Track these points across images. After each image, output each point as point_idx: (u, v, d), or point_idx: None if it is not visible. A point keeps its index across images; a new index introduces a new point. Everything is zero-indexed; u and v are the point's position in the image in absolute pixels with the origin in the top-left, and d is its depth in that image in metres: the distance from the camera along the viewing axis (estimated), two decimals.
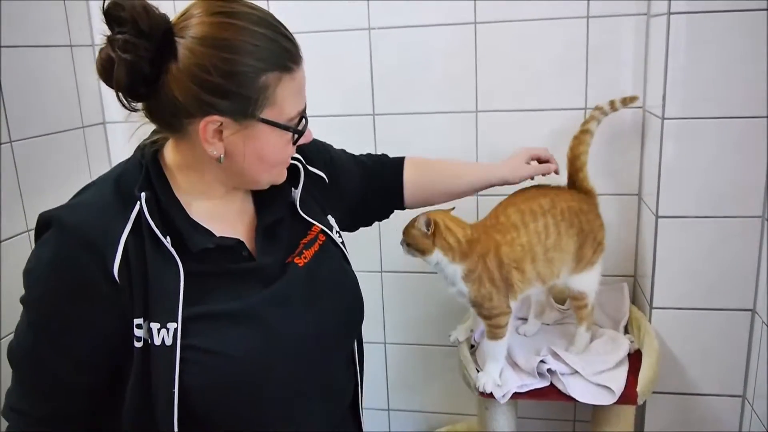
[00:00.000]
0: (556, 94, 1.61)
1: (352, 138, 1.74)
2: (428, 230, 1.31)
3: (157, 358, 0.86)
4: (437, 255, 1.33)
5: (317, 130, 1.74)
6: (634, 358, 1.44)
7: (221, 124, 0.87)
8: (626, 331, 1.56)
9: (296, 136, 0.94)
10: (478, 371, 1.42)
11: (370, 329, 1.89)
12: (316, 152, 1.18)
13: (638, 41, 1.54)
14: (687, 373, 1.53)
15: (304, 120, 0.95)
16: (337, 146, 1.29)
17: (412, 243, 1.35)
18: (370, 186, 1.29)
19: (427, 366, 1.91)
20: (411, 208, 1.36)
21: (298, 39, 1.72)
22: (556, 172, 1.43)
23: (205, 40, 0.84)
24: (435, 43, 1.65)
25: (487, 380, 1.36)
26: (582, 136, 1.45)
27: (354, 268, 1.84)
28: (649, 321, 1.52)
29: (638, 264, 1.65)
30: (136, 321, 0.86)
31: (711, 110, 1.37)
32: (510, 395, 1.36)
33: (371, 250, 1.84)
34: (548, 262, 1.36)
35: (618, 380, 1.35)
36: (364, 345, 1.21)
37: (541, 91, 1.62)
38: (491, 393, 1.35)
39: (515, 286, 1.34)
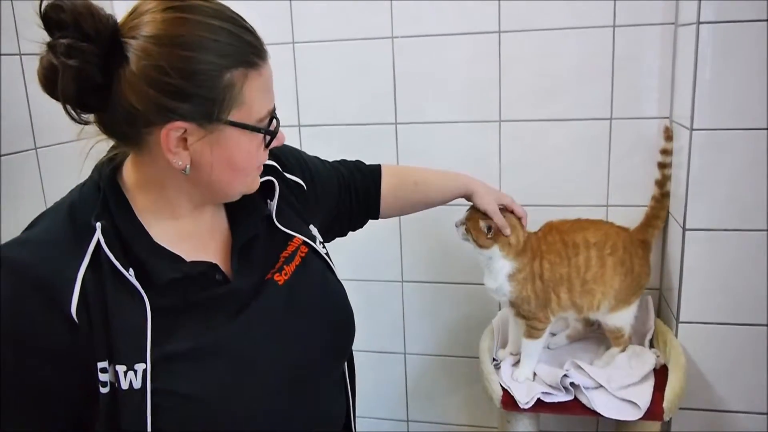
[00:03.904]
0: (580, 103, 1.60)
1: (373, 147, 1.75)
2: (489, 234, 1.35)
3: (126, 404, 0.77)
4: (494, 250, 1.37)
5: (341, 139, 1.76)
6: (660, 373, 1.41)
7: (185, 131, 0.79)
8: (651, 345, 1.53)
9: (268, 138, 0.86)
10: (501, 385, 1.41)
11: (390, 339, 1.88)
12: (293, 158, 1.11)
13: (665, 50, 1.51)
14: (714, 390, 1.50)
15: (275, 120, 0.87)
16: (358, 155, 1.28)
17: (473, 234, 1.37)
18: (346, 196, 1.21)
19: (448, 377, 1.89)
20: (384, 218, 1.30)
21: (322, 47, 1.73)
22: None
23: (159, 39, 0.75)
24: (458, 51, 1.64)
25: (519, 375, 1.42)
26: (656, 222, 1.54)
27: (374, 277, 1.84)
28: (676, 335, 1.49)
29: (664, 277, 1.62)
30: (100, 365, 0.77)
31: (741, 121, 1.35)
32: (534, 401, 1.35)
33: (392, 259, 1.83)
34: (587, 294, 1.40)
35: (644, 395, 1.33)
36: (383, 355, 1.15)
37: (566, 100, 1.61)
38: (514, 403, 1.35)
39: (551, 304, 1.39)
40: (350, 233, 1.28)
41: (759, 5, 1.28)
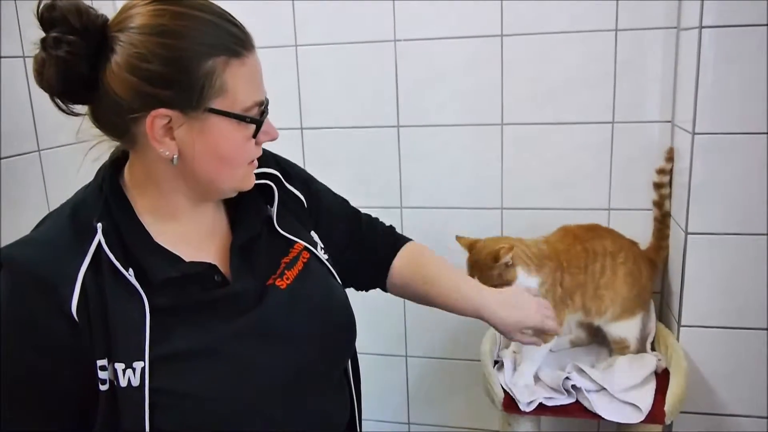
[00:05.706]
0: (582, 107, 1.60)
1: (375, 149, 1.75)
2: (509, 263, 1.33)
3: (125, 401, 0.78)
4: (521, 276, 1.35)
5: (343, 142, 1.76)
6: (662, 377, 1.42)
7: (170, 119, 0.80)
8: (653, 349, 1.53)
9: (255, 128, 0.86)
10: (502, 387, 1.41)
11: (391, 342, 1.88)
12: (299, 176, 1.09)
13: (667, 55, 1.52)
14: (716, 393, 1.50)
15: (264, 113, 0.87)
16: (360, 158, 1.26)
17: (498, 277, 1.33)
18: (354, 250, 1.14)
19: (449, 380, 1.89)
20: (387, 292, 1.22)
21: (325, 50, 1.73)
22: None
23: (142, 28, 0.78)
24: (461, 55, 1.64)
25: (518, 380, 1.40)
26: (662, 243, 1.56)
27: None
28: (677, 339, 1.49)
29: (666, 281, 1.62)
30: (100, 362, 0.79)
31: (743, 125, 1.35)
32: (536, 405, 1.35)
33: None
34: (597, 298, 1.42)
35: (645, 398, 1.33)
36: (384, 358, 1.14)
37: (568, 104, 1.61)
38: (516, 406, 1.35)
39: (566, 309, 1.41)
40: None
41: (761, 10, 1.29)
